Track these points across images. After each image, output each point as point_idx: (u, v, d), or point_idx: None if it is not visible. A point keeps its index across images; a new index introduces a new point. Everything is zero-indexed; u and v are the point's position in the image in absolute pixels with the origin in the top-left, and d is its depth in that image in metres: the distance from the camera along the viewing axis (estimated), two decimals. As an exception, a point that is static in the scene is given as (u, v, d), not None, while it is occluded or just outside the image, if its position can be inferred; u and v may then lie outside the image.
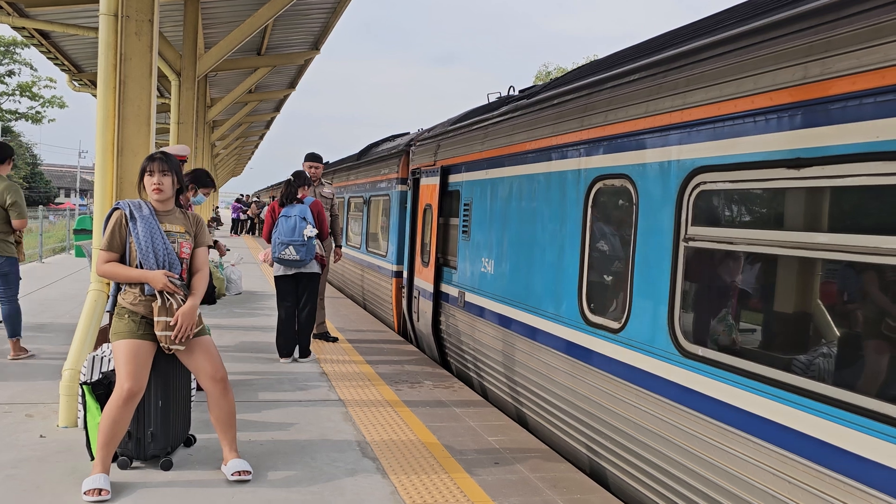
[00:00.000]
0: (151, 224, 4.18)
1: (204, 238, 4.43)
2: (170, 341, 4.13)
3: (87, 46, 15.58)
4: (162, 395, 4.41)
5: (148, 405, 4.35)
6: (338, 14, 14.57)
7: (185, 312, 4.14)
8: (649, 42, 5.13)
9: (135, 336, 4.11)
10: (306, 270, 7.50)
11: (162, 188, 4.23)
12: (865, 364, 2.99)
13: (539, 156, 5.76)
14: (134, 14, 5.50)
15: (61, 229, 24.43)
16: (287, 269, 7.47)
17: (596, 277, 4.97)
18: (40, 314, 9.79)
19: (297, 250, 7.23)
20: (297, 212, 7.35)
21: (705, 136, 3.81)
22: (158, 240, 4.16)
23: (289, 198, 7.51)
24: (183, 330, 4.13)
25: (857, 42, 2.96)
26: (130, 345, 4.09)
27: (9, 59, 49.57)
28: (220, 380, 4.31)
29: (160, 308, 4.10)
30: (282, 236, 7.28)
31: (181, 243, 4.26)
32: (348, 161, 15.78)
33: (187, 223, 4.36)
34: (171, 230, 4.25)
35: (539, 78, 45.70)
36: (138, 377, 4.08)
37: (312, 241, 7.31)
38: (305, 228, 7.24)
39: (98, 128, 5.49)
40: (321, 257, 7.66)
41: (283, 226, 7.30)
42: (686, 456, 3.83)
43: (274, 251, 7.38)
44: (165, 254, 4.16)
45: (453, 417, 5.86)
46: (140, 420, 4.33)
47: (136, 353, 4.09)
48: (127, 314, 4.14)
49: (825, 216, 3.21)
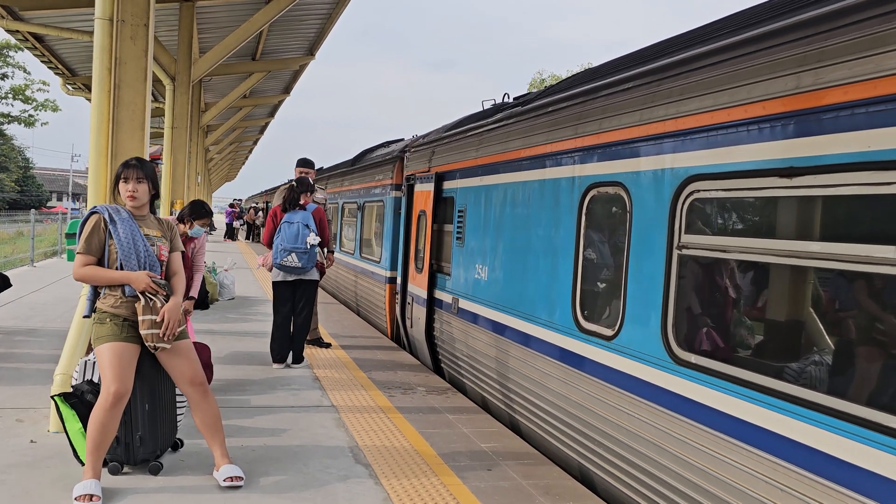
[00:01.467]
0: (132, 227, 4.19)
1: (177, 244, 4.47)
2: (157, 339, 4.11)
3: (81, 50, 15.57)
4: (149, 399, 4.40)
5: (135, 409, 4.34)
6: (333, 20, 14.61)
7: (170, 309, 4.15)
8: (644, 51, 5.16)
9: (119, 339, 4.10)
10: (306, 277, 7.50)
11: (136, 195, 4.23)
12: (857, 372, 3.00)
13: (533, 163, 5.77)
14: (129, 18, 5.50)
15: (53, 233, 24.35)
16: (287, 275, 7.46)
17: (589, 285, 4.98)
18: (31, 318, 9.73)
19: (300, 257, 7.23)
20: (299, 218, 7.33)
21: (699, 145, 3.83)
22: (140, 241, 4.17)
23: (291, 203, 7.49)
24: (170, 327, 4.13)
25: (849, 53, 2.99)
26: (115, 347, 4.07)
27: (2, 62, 49.40)
28: (199, 384, 4.31)
29: (144, 307, 4.09)
30: (284, 243, 7.26)
31: (160, 246, 4.28)
32: (343, 167, 15.77)
33: (162, 228, 4.39)
34: (149, 234, 4.27)
35: (533, 85, 45.83)
36: (124, 379, 4.06)
37: (315, 248, 7.31)
38: (308, 236, 7.23)
39: (92, 132, 5.48)
40: (321, 265, 7.67)
41: (285, 232, 7.29)
42: (678, 463, 3.83)
43: (275, 257, 7.34)
44: (146, 255, 4.18)
45: (446, 424, 5.85)
46: (128, 424, 4.31)
47: (120, 356, 4.07)
48: (109, 318, 4.13)
49: (817, 225, 3.23)
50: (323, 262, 7.72)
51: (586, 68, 6.56)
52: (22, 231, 28.64)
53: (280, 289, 7.54)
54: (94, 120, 5.47)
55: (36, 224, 19.26)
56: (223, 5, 12.95)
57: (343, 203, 14.63)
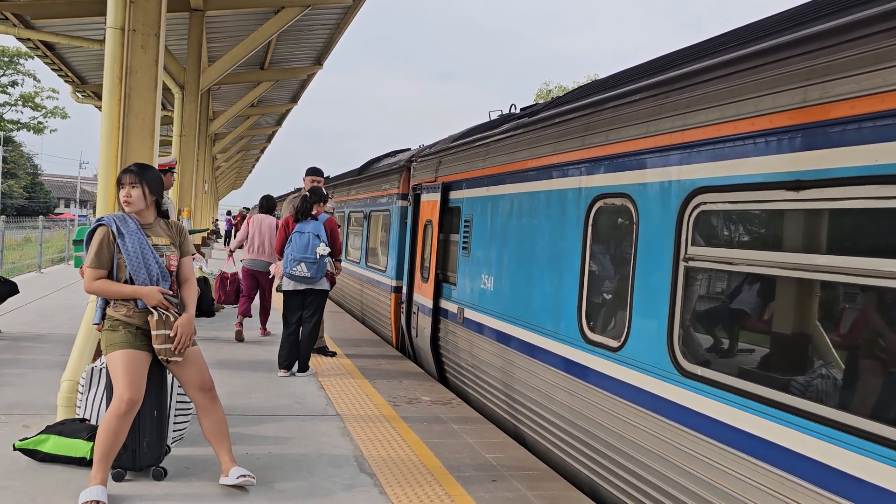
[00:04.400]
0: (141, 239, 4.18)
1: (188, 247, 4.44)
2: (170, 354, 4.13)
3: (91, 58, 15.69)
4: (157, 405, 4.41)
5: (144, 416, 4.33)
6: (341, 30, 14.67)
7: (184, 324, 4.16)
8: (650, 63, 5.18)
9: (132, 346, 4.11)
10: (316, 287, 7.54)
11: (130, 200, 4.21)
12: (864, 386, 2.99)
13: (540, 174, 5.79)
14: (140, 28, 5.56)
15: (60, 240, 24.45)
16: (297, 284, 7.51)
17: (595, 296, 4.98)
18: (38, 324, 9.78)
19: (309, 268, 7.29)
20: (311, 228, 7.38)
21: (706, 157, 3.84)
22: (149, 255, 4.16)
23: (304, 214, 7.55)
24: (183, 341, 4.15)
25: (856, 67, 3.00)
26: (128, 355, 4.09)
27: (12, 70, 49.81)
28: (208, 390, 4.34)
29: (158, 322, 4.10)
30: (294, 252, 7.32)
31: (169, 256, 4.27)
32: (349, 176, 15.82)
33: (171, 234, 4.36)
34: (157, 243, 4.25)
35: (540, 96, 45.93)
36: (138, 387, 4.08)
37: (324, 258, 7.36)
38: (318, 246, 7.28)
39: (102, 140, 5.52)
40: (331, 275, 7.70)
41: (296, 242, 7.35)
42: (683, 475, 3.82)
43: (285, 266, 7.41)
44: (157, 268, 4.17)
45: (451, 434, 5.85)
46: (135, 430, 4.30)
47: (134, 364, 4.09)
48: (122, 325, 4.14)
49: (824, 238, 3.24)
50: (333, 272, 7.76)
51: (593, 80, 6.59)
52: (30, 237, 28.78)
53: (290, 298, 7.62)
54: (105, 128, 5.52)
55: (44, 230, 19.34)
56: (232, 15, 13.04)
57: (349, 212, 14.67)
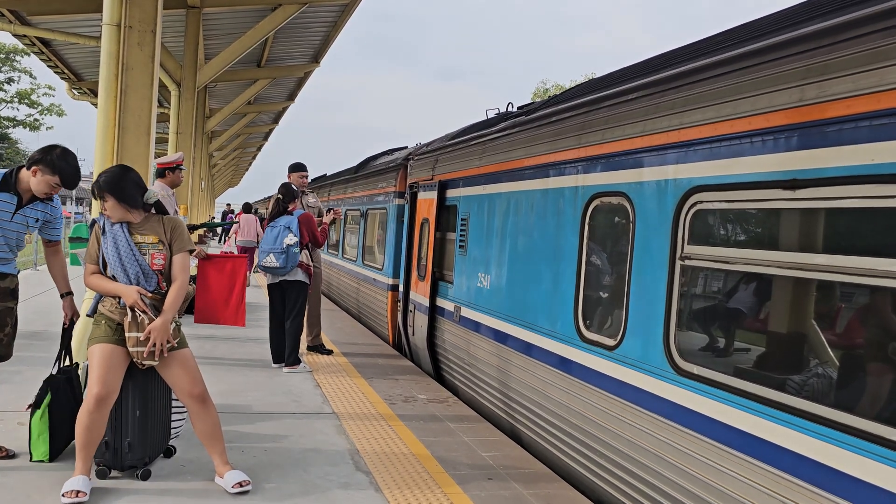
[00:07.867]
0: (118, 237, 4.17)
1: (182, 244, 4.33)
2: (142, 357, 4.10)
3: (87, 55, 15.66)
4: (140, 405, 4.34)
5: (126, 415, 4.29)
6: (338, 28, 14.67)
7: (156, 328, 4.08)
8: (647, 62, 5.18)
9: (110, 340, 4.11)
10: (290, 278, 7.68)
11: (108, 212, 4.25)
12: (860, 385, 3.00)
13: (537, 172, 5.79)
14: (137, 25, 5.55)
15: (57, 237, 24.37)
16: (273, 277, 7.73)
17: (592, 294, 4.98)
18: (35, 321, 9.74)
19: (277, 258, 7.48)
20: (283, 222, 7.62)
21: (702, 156, 3.84)
22: (126, 253, 4.15)
23: (279, 215, 7.77)
24: (157, 347, 4.09)
25: (853, 66, 3.00)
26: (104, 349, 4.08)
27: (8, 67, 49.65)
28: (197, 395, 4.25)
29: (130, 324, 4.08)
30: (263, 244, 7.64)
31: (152, 254, 4.23)
32: (346, 174, 15.81)
33: (161, 232, 4.29)
34: (141, 241, 4.23)
35: (537, 94, 45.96)
36: (107, 382, 4.04)
37: (292, 248, 7.52)
38: (287, 237, 7.46)
39: (98, 137, 5.51)
40: (307, 266, 7.76)
41: (268, 234, 7.65)
42: (679, 474, 3.83)
43: (259, 259, 7.71)
44: (137, 267, 4.16)
45: (447, 432, 5.85)
46: (117, 430, 4.27)
47: (108, 358, 4.07)
48: (104, 320, 4.16)
49: (820, 237, 3.24)
50: (309, 263, 7.83)
51: (590, 78, 6.58)
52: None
53: (271, 291, 7.88)
54: (101, 125, 5.51)
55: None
56: (229, 12, 13.03)
57: (346, 210, 14.66)
